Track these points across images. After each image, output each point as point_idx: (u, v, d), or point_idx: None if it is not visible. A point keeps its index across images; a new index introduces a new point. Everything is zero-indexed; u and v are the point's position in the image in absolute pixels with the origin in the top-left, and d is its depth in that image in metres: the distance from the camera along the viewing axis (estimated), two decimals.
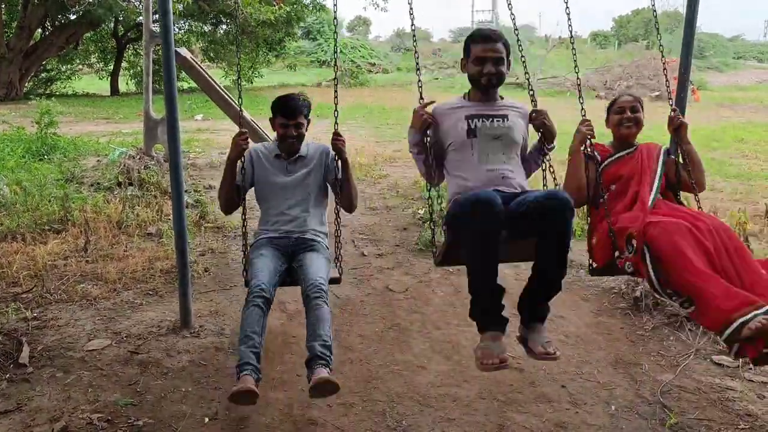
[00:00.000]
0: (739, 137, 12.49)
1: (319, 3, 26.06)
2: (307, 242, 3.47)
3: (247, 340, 3.01)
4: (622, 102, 3.47)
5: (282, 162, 3.56)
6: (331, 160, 3.55)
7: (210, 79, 8.92)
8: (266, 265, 3.30)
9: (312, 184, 3.56)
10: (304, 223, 3.50)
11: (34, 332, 3.83)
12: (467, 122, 3.10)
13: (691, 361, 3.63)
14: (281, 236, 3.48)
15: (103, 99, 22.92)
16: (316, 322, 3.06)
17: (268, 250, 3.42)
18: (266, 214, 3.59)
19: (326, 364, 2.94)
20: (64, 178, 7.67)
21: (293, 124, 3.47)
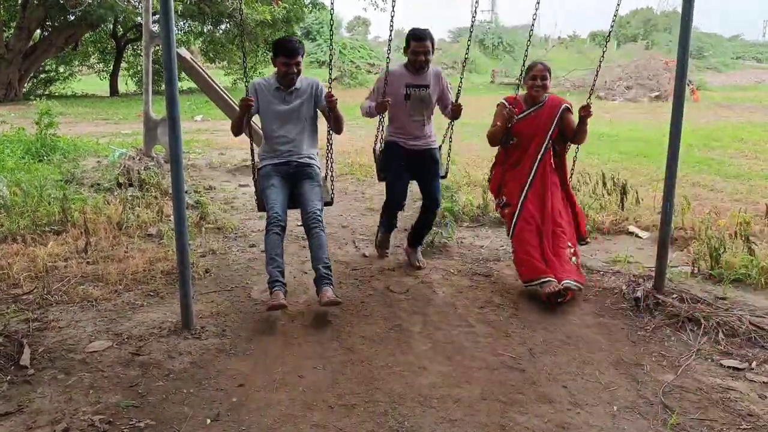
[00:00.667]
0: (738, 137, 12.51)
1: (318, 3, 26.07)
2: (304, 168, 4.43)
3: (272, 262, 4.02)
4: (535, 71, 4.69)
5: (281, 93, 4.42)
6: (319, 91, 4.48)
7: (210, 80, 8.92)
8: (278, 195, 4.26)
9: (305, 111, 4.46)
10: (300, 144, 4.45)
11: (35, 334, 3.82)
12: (406, 89, 4.77)
13: (692, 361, 3.62)
14: (282, 162, 4.41)
15: (102, 99, 22.92)
16: (316, 248, 4.12)
17: (275, 179, 4.34)
18: (269, 137, 4.48)
19: (329, 282, 4.06)
20: (64, 179, 7.67)
21: (294, 63, 4.32)
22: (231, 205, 7.17)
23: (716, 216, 6.15)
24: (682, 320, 4.08)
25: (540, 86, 4.68)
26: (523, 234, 4.56)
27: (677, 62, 4.25)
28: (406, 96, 4.76)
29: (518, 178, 4.73)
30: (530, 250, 4.50)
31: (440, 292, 4.64)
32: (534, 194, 4.67)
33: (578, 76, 27.29)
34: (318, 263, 4.07)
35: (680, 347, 3.80)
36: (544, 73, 4.68)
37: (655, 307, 4.27)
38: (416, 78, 4.78)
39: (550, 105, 4.75)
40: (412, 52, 4.70)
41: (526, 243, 4.53)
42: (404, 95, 4.76)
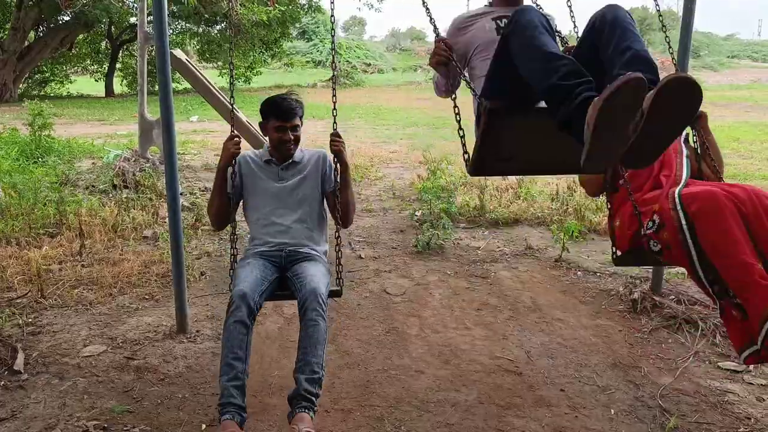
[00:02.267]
0: (734, 137, 12.51)
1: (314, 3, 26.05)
2: (303, 254, 3.19)
3: (228, 371, 2.70)
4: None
5: (273, 168, 3.29)
6: (329, 168, 3.30)
7: (205, 81, 8.88)
8: (251, 272, 3.00)
9: (307, 192, 3.28)
10: (298, 235, 3.22)
11: (28, 338, 3.80)
12: (495, 23, 2.94)
13: (690, 363, 3.61)
14: (272, 249, 3.19)
15: (97, 100, 22.85)
16: (308, 345, 2.77)
17: (256, 260, 3.13)
18: (256, 228, 3.29)
19: (309, 407, 2.67)
20: (58, 181, 7.62)
21: (290, 127, 3.21)
22: None
23: None
24: (679, 322, 4.07)
25: None
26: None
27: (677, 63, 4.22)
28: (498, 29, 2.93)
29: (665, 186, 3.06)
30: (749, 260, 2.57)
31: (437, 294, 4.62)
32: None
33: None
34: (302, 372, 2.73)
35: (678, 349, 3.79)
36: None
37: (653, 309, 4.26)
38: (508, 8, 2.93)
39: None
40: None
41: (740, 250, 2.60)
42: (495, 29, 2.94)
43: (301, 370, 2.74)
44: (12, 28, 21.03)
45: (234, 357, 2.72)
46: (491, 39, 2.84)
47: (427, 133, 13.24)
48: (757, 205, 2.69)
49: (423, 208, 6.49)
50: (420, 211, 6.51)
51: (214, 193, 3.24)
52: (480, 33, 2.95)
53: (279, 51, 27.87)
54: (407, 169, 9.48)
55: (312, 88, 27.27)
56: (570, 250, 5.35)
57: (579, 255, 5.43)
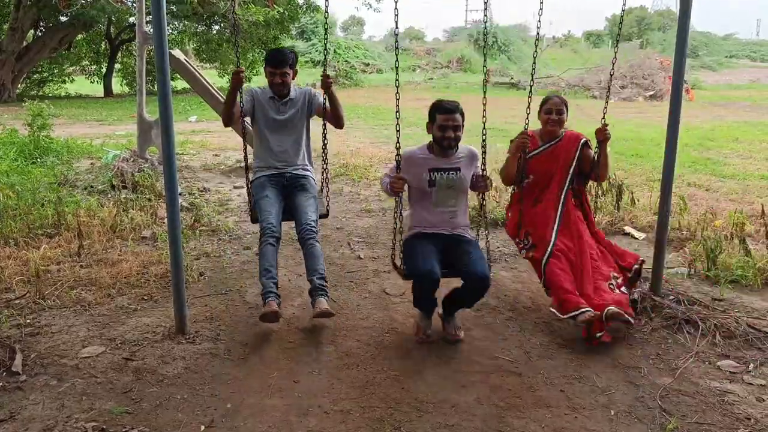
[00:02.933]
0: (733, 136, 12.52)
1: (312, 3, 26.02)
2: (299, 180, 4.34)
3: (266, 273, 3.93)
4: (551, 104, 4.36)
5: (275, 102, 4.32)
6: (313, 96, 4.39)
7: (204, 81, 8.87)
8: (272, 206, 4.16)
9: (299, 121, 4.37)
10: (294, 154, 4.37)
11: (27, 339, 3.79)
12: (429, 174, 3.92)
13: (690, 364, 3.61)
14: (276, 173, 4.32)
15: (96, 101, 22.82)
16: (311, 259, 4.02)
17: (269, 190, 4.24)
18: (262, 146, 4.38)
19: (324, 294, 3.95)
20: (57, 182, 7.62)
21: (279, 73, 4.24)
22: (225, 207, 7.13)
23: (712, 216, 6.14)
24: (679, 322, 4.06)
25: (556, 120, 4.31)
26: (556, 273, 4.01)
27: (674, 66, 4.23)
28: (430, 182, 3.91)
29: (543, 219, 4.28)
30: (564, 285, 3.94)
31: (436, 295, 4.60)
32: (563, 232, 4.22)
33: (573, 75, 27.32)
34: (313, 274, 3.98)
35: (678, 350, 3.79)
36: (560, 106, 4.32)
37: (652, 309, 4.26)
38: (444, 161, 3.95)
39: (568, 140, 4.37)
40: (439, 128, 3.88)
41: (559, 279, 3.98)
42: (428, 181, 3.91)
43: (312, 274, 4.01)
44: (10, 28, 20.98)
45: (270, 265, 3.97)
46: (425, 189, 3.94)
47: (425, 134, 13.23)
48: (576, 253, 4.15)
49: None
50: None
51: (225, 105, 4.25)
52: (418, 178, 3.93)
53: None
54: None
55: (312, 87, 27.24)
56: None
57: None
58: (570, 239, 4.20)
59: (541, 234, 4.23)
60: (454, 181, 3.93)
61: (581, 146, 4.36)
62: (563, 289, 3.93)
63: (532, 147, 4.33)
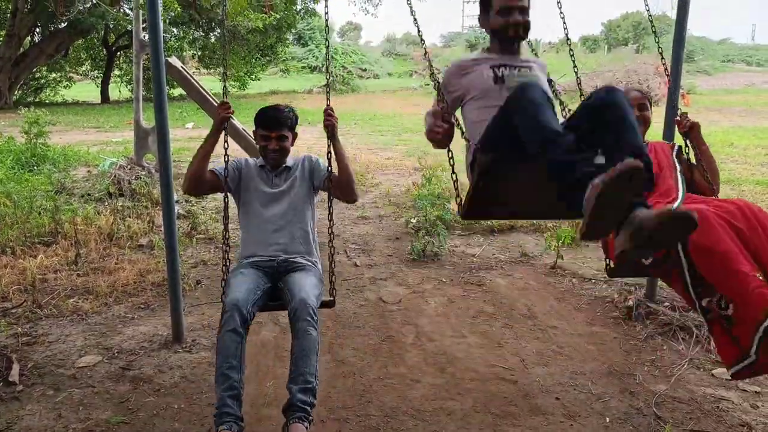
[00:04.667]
0: (728, 141, 12.57)
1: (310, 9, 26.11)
2: (296, 264, 3.21)
3: (223, 380, 2.71)
4: (631, 99, 3.18)
5: (267, 173, 3.37)
6: (314, 162, 3.40)
7: (200, 88, 8.88)
8: (244, 281, 3.02)
9: (298, 195, 3.33)
10: (292, 236, 3.27)
11: (24, 349, 3.79)
12: (493, 70, 2.93)
13: (684, 371, 3.63)
14: (266, 258, 3.22)
15: (93, 107, 22.84)
16: (300, 355, 2.78)
17: (249, 270, 3.15)
18: (251, 225, 3.34)
19: (304, 417, 2.67)
20: (54, 190, 7.63)
21: (275, 137, 3.28)
22: (222, 214, 7.11)
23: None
24: (674, 329, 4.08)
25: (639, 119, 3.14)
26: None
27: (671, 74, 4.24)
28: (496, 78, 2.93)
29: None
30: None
31: (432, 302, 4.63)
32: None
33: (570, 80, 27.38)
34: (296, 382, 2.74)
35: (672, 356, 3.80)
36: (642, 101, 3.42)
37: (647, 316, 4.28)
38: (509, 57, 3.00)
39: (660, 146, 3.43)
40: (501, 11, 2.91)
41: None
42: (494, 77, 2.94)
43: (294, 381, 2.75)
44: (7, 34, 21.00)
45: (229, 366, 2.72)
46: (488, 87, 2.90)
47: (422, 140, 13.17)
48: (750, 218, 2.73)
49: (418, 215, 6.50)
50: (415, 218, 6.52)
51: (199, 156, 3.24)
52: (477, 80, 2.94)
53: (275, 56, 27.91)
54: (403, 175, 9.50)
55: (308, 93, 27.30)
56: (564, 257, 5.36)
57: (574, 262, 5.44)
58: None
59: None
60: (530, 78, 2.91)
61: (676, 150, 3.43)
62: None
63: None
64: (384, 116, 18.29)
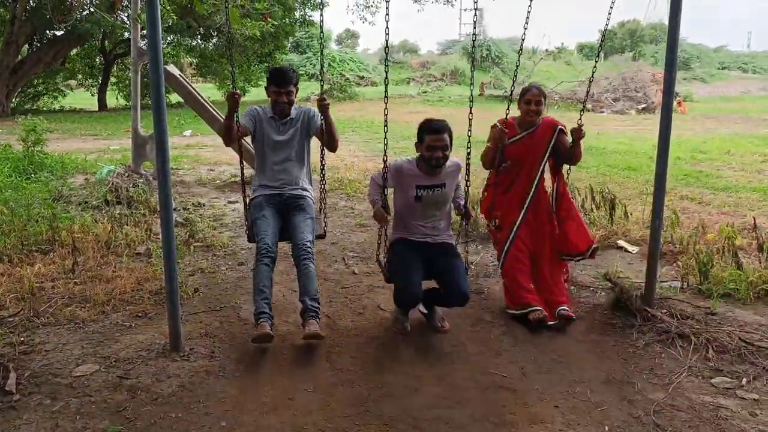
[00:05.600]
0: (725, 149, 12.60)
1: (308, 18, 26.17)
2: (297, 200, 4.35)
3: (260, 294, 3.92)
4: (530, 95, 4.57)
5: (275, 122, 4.36)
6: (312, 116, 4.41)
7: (198, 96, 8.90)
8: (269, 226, 4.17)
9: (299, 141, 4.41)
10: (293, 174, 4.38)
11: (21, 357, 3.77)
12: (417, 190, 4.12)
13: (683, 378, 3.62)
14: (275, 193, 4.33)
15: (90, 115, 22.83)
16: (305, 280, 4.00)
17: (267, 210, 4.26)
18: (263, 166, 4.41)
19: (315, 316, 3.92)
20: (51, 197, 7.61)
21: (284, 92, 4.28)
22: (220, 222, 7.13)
23: (704, 230, 6.17)
24: (672, 336, 4.08)
25: (534, 111, 4.56)
26: (513, 262, 4.54)
27: (664, 80, 4.28)
28: (416, 198, 4.15)
29: (512, 203, 4.66)
30: (519, 278, 4.49)
31: None
32: (529, 220, 4.63)
33: (566, 87, 27.47)
34: (305, 296, 3.97)
35: (671, 364, 3.80)
36: (539, 98, 4.57)
37: (645, 323, 4.28)
38: (430, 178, 4.16)
39: (544, 127, 4.63)
40: (428, 148, 4.08)
41: (515, 271, 4.52)
42: (414, 197, 4.15)
43: (304, 295, 3.99)
44: (5, 42, 21.01)
45: (264, 285, 3.96)
46: (411, 203, 4.16)
47: None
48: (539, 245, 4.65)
49: None
50: None
51: (223, 126, 4.28)
52: (405, 190, 4.15)
53: (274, 64, 27.95)
54: None
55: (306, 101, 27.33)
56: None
57: (572, 269, 5.43)
58: (535, 230, 4.64)
59: (510, 220, 4.63)
60: (440, 197, 4.17)
61: (557, 132, 4.62)
62: (517, 284, 4.46)
63: (510, 134, 4.49)
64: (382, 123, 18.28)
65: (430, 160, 4.07)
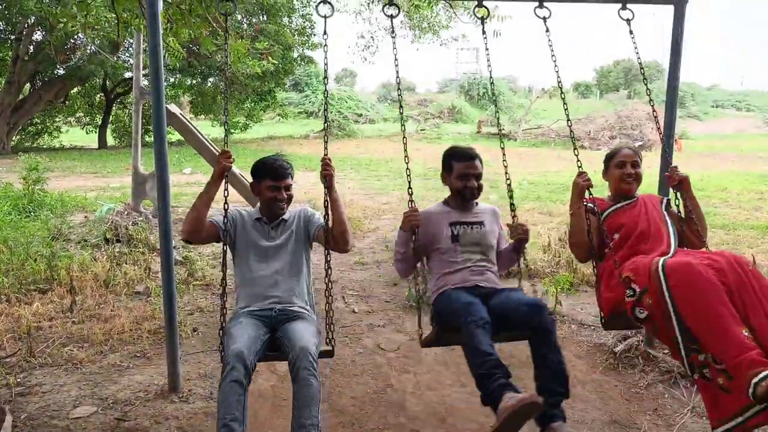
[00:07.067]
0: (721, 186, 12.66)
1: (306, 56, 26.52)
2: (294, 312, 3.25)
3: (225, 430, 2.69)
4: (623, 156, 3.54)
5: (264, 226, 3.40)
6: (309, 215, 3.47)
7: (200, 136, 8.97)
8: (245, 331, 3.02)
9: (295, 247, 3.39)
10: (288, 289, 3.30)
11: (17, 399, 3.73)
12: (451, 230, 3.47)
13: (687, 419, 3.59)
14: (263, 308, 3.23)
15: (90, 152, 22.95)
16: (303, 405, 2.81)
17: (248, 319, 3.16)
18: (247, 280, 3.34)
19: None
20: (50, 236, 7.60)
21: (283, 187, 3.36)
22: (219, 260, 7.07)
23: None
24: (674, 376, 4.05)
25: (632, 176, 3.49)
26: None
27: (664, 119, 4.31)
28: (453, 237, 3.46)
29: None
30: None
31: (431, 350, 4.58)
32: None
33: (563, 126, 27.73)
34: (300, 428, 2.77)
35: (674, 405, 3.77)
36: (635, 159, 3.54)
37: (647, 363, 4.25)
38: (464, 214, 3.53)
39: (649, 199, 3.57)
40: (460, 177, 3.48)
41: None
42: (451, 236, 3.46)
43: (299, 422, 2.78)
44: (7, 81, 21.23)
45: (231, 418, 2.71)
46: (449, 246, 3.45)
47: (418, 184, 13.32)
48: (739, 272, 2.81)
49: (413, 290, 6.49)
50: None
51: (199, 204, 3.27)
52: (439, 236, 3.47)
53: (272, 102, 28.23)
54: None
55: (305, 139, 27.54)
56: (563, 303, 5.35)
57: (573, 308, 5.43)
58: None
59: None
60: (480, 236, 3.48)
61: (665, 203, 3.60)
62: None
63: (602, 207, 3.49)
64: (380, 161, 18.41)
65: (464, 192, 3.46)
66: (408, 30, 11.63)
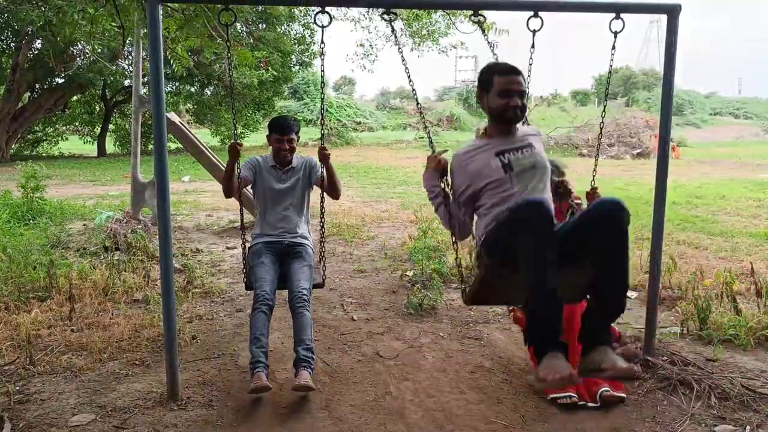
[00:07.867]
0: (720, 194, 12.69)
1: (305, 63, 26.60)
2: (296, 247, 4.36)
3: (256, 342, 3.84)
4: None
5: (277, 171, 4.46)
6: (313, 166, 4.49)
7: (199, 144, 8.99)
8: (267, 273, 4.14)
9: (300, 189, 4.49)
10: (294, 222, 4.42)
11: (16, 407, 3.73)
12: (499, 159, 3.07)
13: (686, 427, 3.59)
14: (274, 240, 4.36)
15: (89, 161, 22.97)
16: (300, 328, 3.95)
17: (266, 257, 4.26)
18: (263, 215, 4.47)
19: (308, 366, 3.84)
20: (49, 244, 7.61)
21: (286, 140, 4.38)
22: (218, 268, 7.12)
23: (702, 275, 6.17)
24: (673, 383, 4.05)
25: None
26: None
27: (660, 126, 4.34)
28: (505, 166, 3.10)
29: None
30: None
31: (430, 357, 4.59)
32: None
33: (561, 133, 27.81)
34: (299, 345, 3.90)
35: (673, 412, 3.76)
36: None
37: (646, 370, 4.25)
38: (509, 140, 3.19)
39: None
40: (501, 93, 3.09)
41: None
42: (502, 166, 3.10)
43: (298, 344, 3.91)
44: (7, 90, 21.29)
45: (260, 334, 3.88)
46: (501, 177, 3.05)
47: (417, 192, 13.34)
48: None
49: (414, 268, 6.50)
50: (412, 271, 6.52)
51: (225, 177, 4.27)
52: (487, 170, 3.07)
53: (272, 110, 28.30)
54: (398, 228, 9.53)
55: (304, 146, 27.58)
56: None
57: None
58: None
59: None
60: (535, 159, 3.12)
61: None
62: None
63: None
64: (379, 169, 18.44)
65: (506, 112, 3.07)
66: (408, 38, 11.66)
